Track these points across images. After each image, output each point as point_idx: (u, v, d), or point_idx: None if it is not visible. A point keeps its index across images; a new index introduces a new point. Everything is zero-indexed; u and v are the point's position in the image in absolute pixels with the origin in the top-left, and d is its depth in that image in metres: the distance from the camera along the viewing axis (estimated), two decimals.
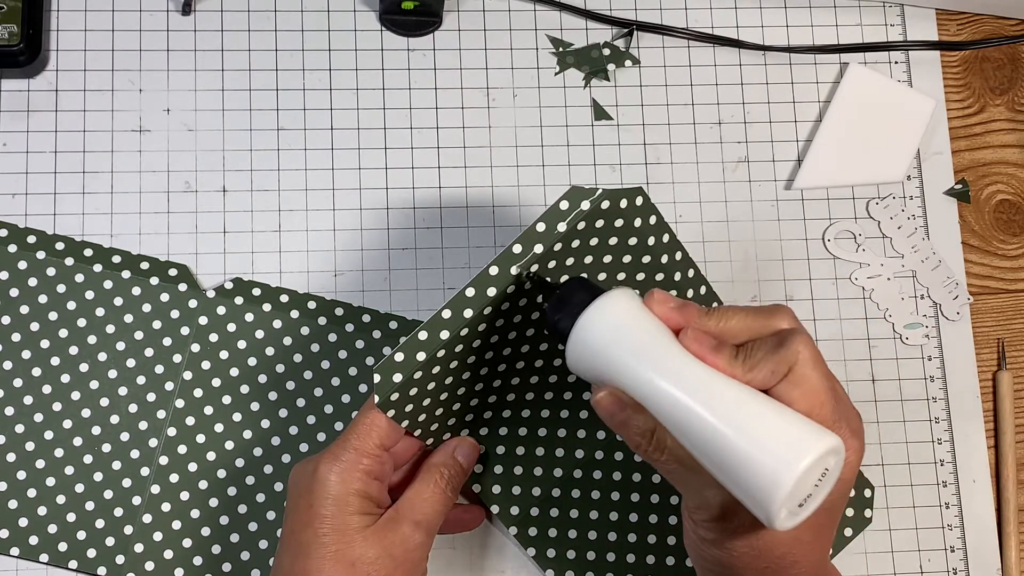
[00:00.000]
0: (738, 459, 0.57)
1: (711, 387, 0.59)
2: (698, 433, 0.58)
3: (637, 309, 0.62)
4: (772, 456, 0.56)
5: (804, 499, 0.57)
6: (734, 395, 0.59)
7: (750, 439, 0.57)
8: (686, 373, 0.60)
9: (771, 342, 0.61)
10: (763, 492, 0.56)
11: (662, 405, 0.59)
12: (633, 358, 0.61)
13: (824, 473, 0.57)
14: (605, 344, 0.62)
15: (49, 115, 0.88)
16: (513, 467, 0.82)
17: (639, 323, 0.62)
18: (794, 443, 0.57)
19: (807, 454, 0.56)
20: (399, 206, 0.89)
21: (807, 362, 0.61)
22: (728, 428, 0.57)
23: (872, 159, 0.93)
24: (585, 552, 0.83)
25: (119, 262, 0.85)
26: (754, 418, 0.58)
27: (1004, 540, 0.89)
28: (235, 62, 0.90)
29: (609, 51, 0.93)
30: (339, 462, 0.69)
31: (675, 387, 0.59)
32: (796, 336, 0.61)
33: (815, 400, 0.60)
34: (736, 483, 0.57)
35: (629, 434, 0.63)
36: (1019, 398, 0.92)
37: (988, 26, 0.97)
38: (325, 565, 0.68)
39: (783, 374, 0.60)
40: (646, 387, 0.60)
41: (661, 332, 0.62)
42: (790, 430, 0.57)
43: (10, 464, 0.82)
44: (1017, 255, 0.94)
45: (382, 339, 0.86)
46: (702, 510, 0.63)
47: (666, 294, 0.64)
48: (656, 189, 0.91)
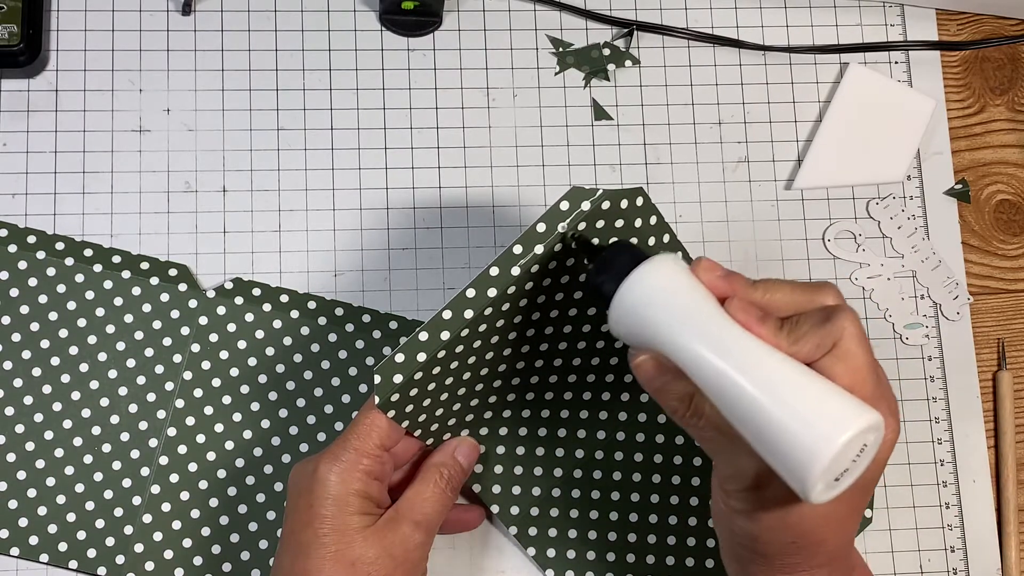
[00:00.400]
0: (777, 429, 0.56)
1: (754, 356, 0.59)
2: (738, 401, 0.58)
3: (683, 275, 0.62)
4: (812, 428, 0.56)
5: (841, 473, 0.57)
6: (777, 365, 0.58)
7: (790, 410, 0.56)
8: (729, 341, 0.59)
9: (817, 316, 0.61)
10: (801, 463, 0.56)
11: (703, 372, 0.59)
12: (676, 323, 0.60)
13: (863, 448, 0.57)
14: (648, 308, 0.61)
15: (49, 115, 0.88)
16: (513, 467, 0.82)
17: (684, 289, 0.61)
18: (835, 416, 0.56)
19: (848, 427, 0.55)
20: (399, 206, 0.89)
21: (852, 338, 0.60)
22: (769, 398, 0.57)
23: (872, 159, 0.93)
24: (585, 552, 0.84)
25: (119, 262, 0.85)
26: (796, 389, 0.57)
27: (1004, 540, 0.89)
28: (235, 62, 0.90)
29: (609, 51, 0.93)
30: (339, 462, 0.69)
31: (717, 355, 0.59)
32: (843, 312, 0.61)
33: (858, 376, 0.60)
34: (773, 453, 0.57)
35: (667, 399, 0.63)
36: (1019, 398, 0.92)
37: (988, 26, 0.97)
38: (325, 565, 0.68)
39: (828, 348, 0.60)
40: (688, 353, 0.59)
41: (706, 299, 0.61)
42: (831, 403, 0.57)
43: (10, 464, 0.82)
44: (1017, 255, 0.94)
45: (382, 339, 0.86)
46: (735, 479, 0.63)
47: (713, 262, 0.63)
48: (656, 189, 0.91)
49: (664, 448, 0.85)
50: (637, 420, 0.85)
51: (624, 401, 0.84)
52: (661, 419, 0.85)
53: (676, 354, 0.60)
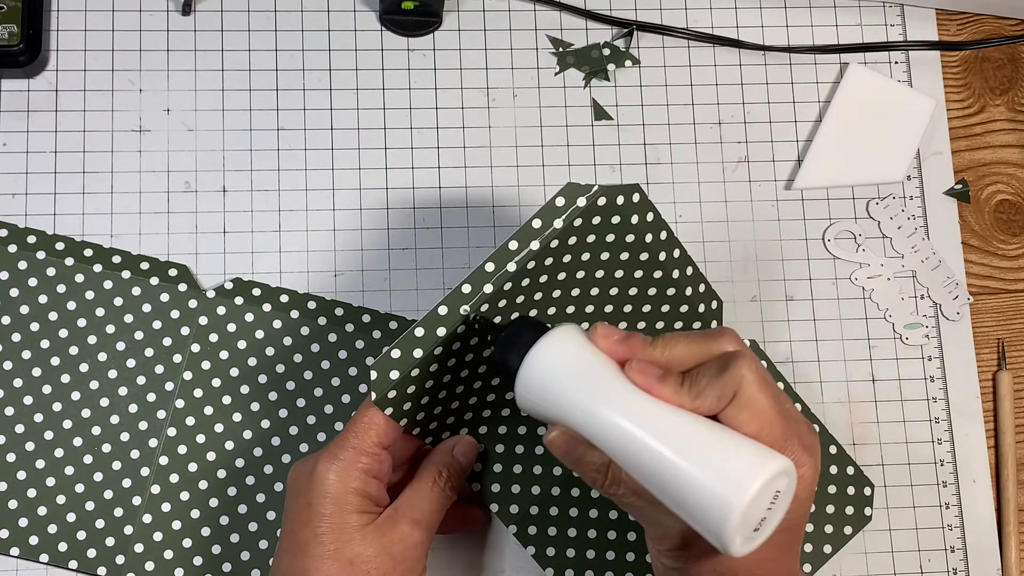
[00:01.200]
0: (689, 488, 0.57)
1: (657, 418, 0.59)
2: (648, 465, 0.58)
3: (581, 345, 0.63)
4: (721, 483, 0.56)
5: (759, 523, 0.57)
6: (681, 424, 0.59)
7: (699, 467, 0.57)
8: (632, 406, 0.60)
9: (715, 367, 0.61)
10: (715, 520, 0.56)
11: (611, 440, 0.60)
12: (579, 395, 0.61)
13: (776, 495, 0.57)
14: (552, 383, 0.62)
15: (49, 115, 0.88)
16: (512, 465, 0.82)
17: (584, 359, 0.62)
18: (742, 468, 0.57)
19: (755, 479, 0.56)
20: (399, 206, 0.89)
21: (752, 384, 0.60)
22: (676, 458, 0.57)
23: (872, 159, 0.93)
24: (584, 551, 0.83)
25: (119, 262, 0.85)
26: (702, 446, 0.58)
27: (1004, 540, 0.89)
28: (235, 62, 0.90)
29: (609, 51, 0.93)
30: (337, 461, 0.69)
31: (622, 421, 0.59)
32: (739, 359, 0.61)
33: (763, 422, 0.60)
34: (689, 512, 0.58)
35: (585, 471, 0.64)
36: (1019, 398, 0.92)
37: (988, 26, 0.97)
38: (324, 564, 0.68)
39: (729, 399, 0.60)
40: (594, 423, 0.60)
41: (606, 367, 0.62)
42: (738, 455, 0.57)
43: (10, 464, 0.82)
44: (1017, 255, 0.94)
45: (382, 339, 0.86)
46: (664, 540, 0.64)
47: (610, 327, 0.64)
48: (656, 189, 0.91)
49: None
50: None
51: None
52: None
53: (582, 425, 0.61)
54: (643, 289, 0.76)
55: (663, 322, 0.80)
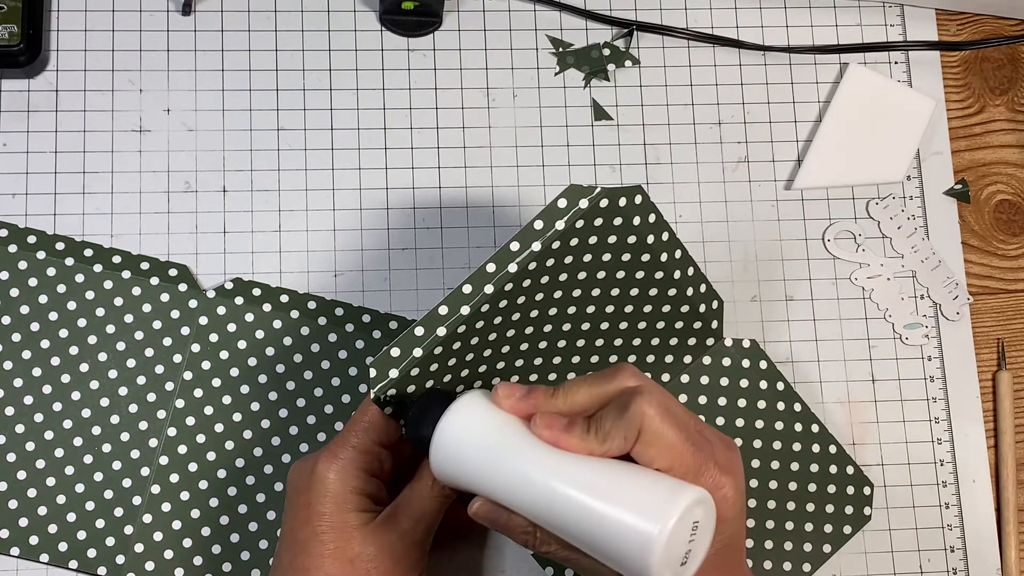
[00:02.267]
0: (608, 534, 0.57)
1: (568, 470, 0.59)
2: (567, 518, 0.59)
3: (485, 410, 0.63)
4: (637, 523, 0.57)
5: (685, 556, 0.58)
6: (590, 472, 0.59)
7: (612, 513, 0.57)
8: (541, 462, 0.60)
9: (616, 408, 0.62)
10: (638, 561, 0.57)
11: (527, 500, 0.60)
12: (490, 462, 0.61)
13: (695, 525, 0.58)
14: (462, 454, 0.63)
15: (49, 115, 0.88)
16: None
17: (489, 425, 0.63)
18: (653, 507, 0.57)
19: (669, 515, 0.56)
20: (399, 206, 0.89)
21: (654, 419, 0.61)
22: (591, 505, 0.58)
23: (872, 159, 0.93)
24: None
25: (119, 262, 0.85)
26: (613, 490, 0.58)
27: (1004, 540, 0.89)
28: (235, 62, 0.90)
29: (609, 51, 0.93)
30: (337, 460, 0.69)
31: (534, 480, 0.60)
32: (638, 396, 0.61)
33: (672, 454, 0.60)
34: (613, 558, 0.58)
35: (513, 535, 0.64)
36: (1019, 398, 0.92)
37: (988, 26, 0.97)
38: (324, 563, 0.68)
39: (635, 437, 0.61)
40: (508, 488, 0.61)
41: (512, 428, 0.62)
42: (649, 494, 0.58)
43: (10, 464, 0.82)
44: (1017, 255, 0.94)
45: (382, 339, 0.86)
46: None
47: (511, 386, 0.64)
48: (656, 189, 0.91)
49: None
50: None
51: None
52: None
53: (499, 492, 0.61)
54: (644, 290, 0.76)
55: (664, 322, 0.80)
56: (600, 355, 0.80)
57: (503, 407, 0.64)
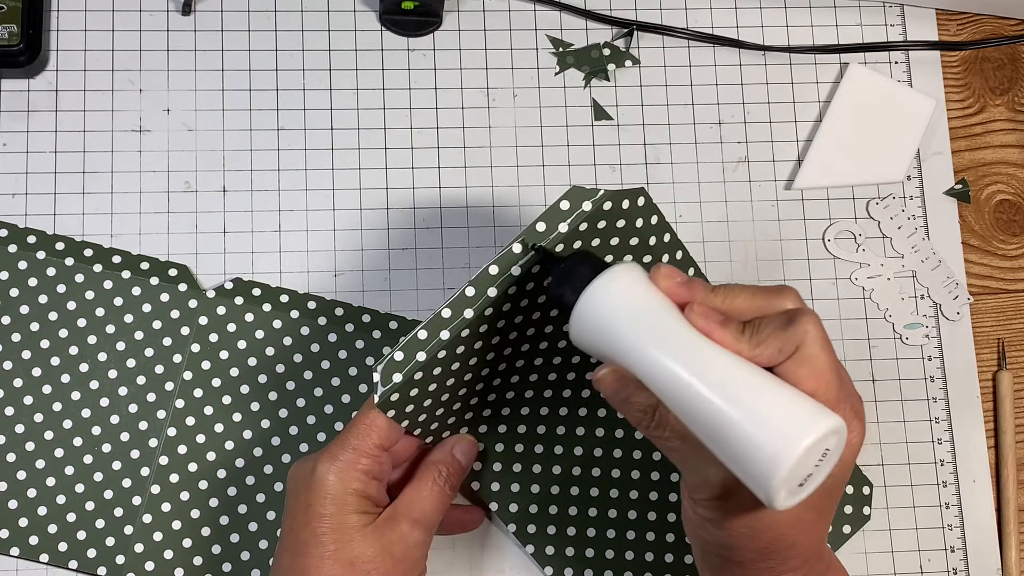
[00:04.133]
0: (739, 437, 0.56)
1: (714, 363, 0.58)
2: (699, 410, 0.57)
3: (642, 284, 0.61)
4: (773, 435, 0.55)
5: (804, 479, 0.57)
6: (737, 372, 0.58)
7: (751, 417, 0.56)
8: (688, 349, 0.59)
9: (779, 320, 0.60)
10: (763, 471, 0.55)
11: (663, 382, 0.58)
12: (635, 334, 0.59)
13: (825, 453, 0.57)
14: (607, 320, 0.60)
15: (49, 115, 0.88)
16: (512, 464, 0.83)
17: (643, 298, 0.61)
18: (796, 422, 0.56)
19: (808, 433, 0.55)
20: (399, 206, 0.89)
21: (815, 341, 0.60)
22: (729, 405, 0.56)
23: (872, 159, 0.93)
24: (584, 549, 0.84)
25: (119, 262, 0.85)
26: (757, 396, 0.57)
27: (1004, 540, 0.89)
28: (235, 62, 0.90)
29: (609, 51, 0.93)
30: (337, 461, 0.69)
31: (676, 363, 0.58)
32: (805, 315, 0.60)
33: (821, 380, 0.59)
34: (736, 461, 0.57)
35: (630, 411, 0.63)
36: (1019, 398, 0.92)
37: (988, 26, 0.97)
38: (324, 564, 0.68)
39: (790, 352, 0.59)
40: (647, 363, 0.59)
41: (665, 308, 0.60)
42: (793, 409, 0.56)
43: (10, 464, 0.82)
44: (1017, 255, 0.94)
45: (382, 339, 0.86)
46: (703, 488, 0.62)
47: (673, 268, 0.63)
48: (656, 189, 0.91)
49: None
50: None
51: None
52: None
53: (635, 365, 0.60)
54: None
55: None
56: None
57: (661, 286, 0.62)
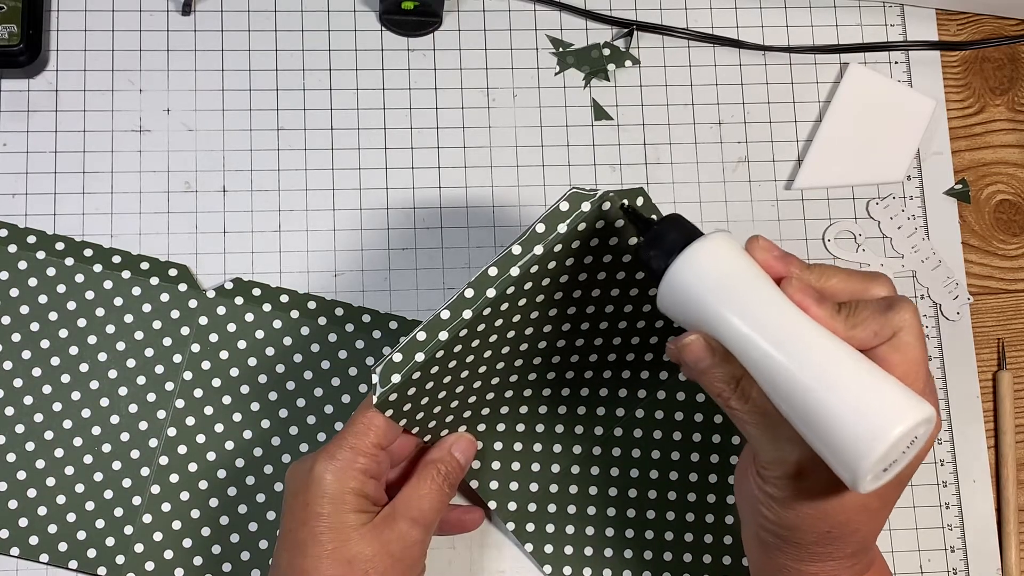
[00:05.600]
0: (830, 417, 0.55)
1: (812, 339, 0.58)
2: (792, 387, 0.57)
3: (737, 253, 0.61)
4: (870, 418, 0.55)
5: (890, 464, 0.56)
6: (832, 350, 0.57)
7: (848, 398, 0.55)
8: (785, 323, 0.58)
9: (879, 304, 0.60)
10: (855, 452, 0.55)
11: (754, 355, 0.58)
12: (730, 303, 0.59)
13: (913, 441, 0.56)
14: (700, 287, 0.60)
15: (49, 115, 0.88)
16: (511, 463, 0.83)
17: (738, 268, 0.60)
18: (893, 407, 0.55)
19: (904, 419, 0.55)
20: (399, 206, 0.89)
21: (912, 330, 0.60)
22: (823, 384, 0.56)
23: (872, 159, 0.93)
24: (582, 547, 0.84)
25: (119, 262, 0.85)
26: (851, 377, 0.56)
27: (1004, 540, 0.89)
28: (235, 62, 0.90)
29: (609, 51, 0.93)
30: (335, 460, 0.69)
31: (771, 337, 0.58)
32: (905, 303, 0.60)
33: (912, 369, 0.59)
34: (824, 441, 0.56)
35: (712, 381, 0.62)
36: (1019, 398, 0.92)
37: (988, 26, 0.97)
38: (322, 563, 0.68)
39: (886, 338, 0.59)
40: (740, 334, 0.58)
41: (761, 279, 0.60)
42: (890, 394, 0.56)
43: (10, 464, 0.82)
44: (1017, 255, 0.94)
45: (382, 339, 0.86)
46: (776, 465, 0.62)
47: (770, 241, 0.62)
48: (656, 189, 0.91)
49: (662, 444, 0.85)
50: (635, 416, 0.85)
51: (622, 397, 0.85)
52: (658, 415, 0.85)
53: (727, 335, 0.59)
54: (643, 289, 0.76)
55: (662, 320, 0.80)
56: (599, 354, 0.80)
57: (757, 258, 0.61)
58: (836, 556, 0.65)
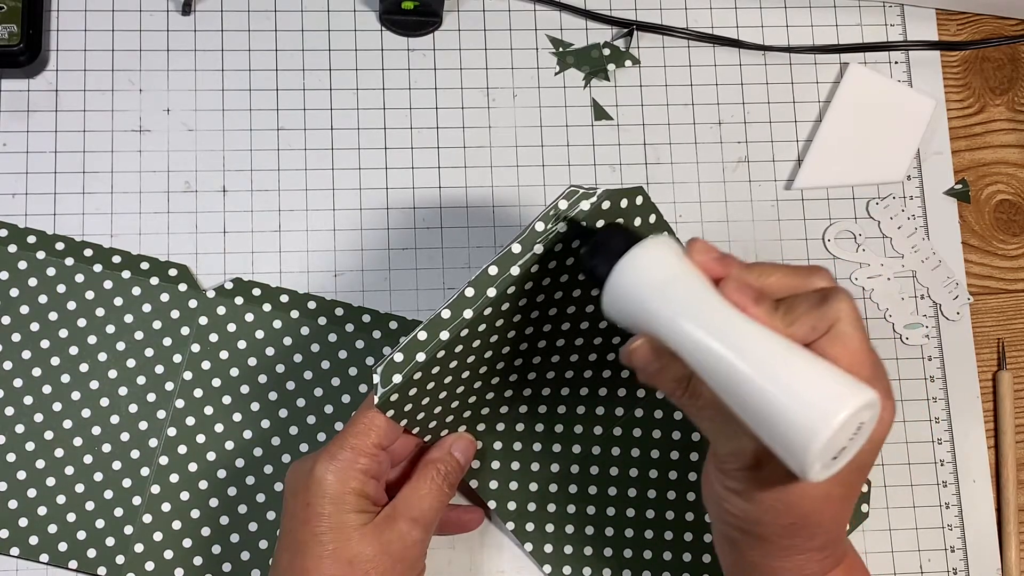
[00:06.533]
0: (774, 408, 0.56)
1: (749, 336, 0.58)
2: (734, 382, 0.57)
3: (677, 256, 0.61)
4: (810, 407, 0.55)
5: (838, 452, 0.57)
6: (772, 345, 0.58)
7: (788, 389, 0.56)
8: (724, 321, 0.59)
9: (814, 298, 0.60)
10: (799, 442, 0.55)
11: (698, 353, 0.58)
12: (671, 306, 0.60)
13: (859, 427, 0.57)
14: (642, 291, 0.60)
15: (49, 115, 0.88)
16: (510, 463, 0.83)
17: (678, 270, 0.61)
18: (833, 394, 0.56)
19: (845, 406, 0.55)
20: (399, 206, 0.89)
21: (849, 319, 0.60)
22: (764, 377, 0.56)
23: (872, 159, 0.93)
24: (582, 547, 0.84)
25: (119, 262, 0.85)
26: (792, 368, 0.57)
27: (1004, 540, 0.89)
28: (235, 62, 0.90)
29: (609, 51, 0.93)
30: (336, 461, 0.69)
31: (712, 335, 0.58)
32: (839, 294, 0.60)
33: (855, 358, 0.60)
34: (770, 432, 0.57)
35: (663, 382, 0.63)
36: (1019, 398, 0.92)
37: (988, 26, 0.97)
38: (323, 563, 0.68)
39: (823, 330, 0.60)
40: (682, 335, 0.59)
41: (700, 280, 0.61)
42: (828, 381, 0.57)
43: (10, 464, 0.82)
44: (1017, 255, 0.94)
45: (382, 339, 0.86)
46: (734, 458, 0.62)
47: (708, 243, 0.63)
48: (656, 189, 0.91)
49: (661, 444, 0.85)
50: (634, 416, 0.85)
51: (621, 397, 0.85)
52: (658, 415, 0.85)
53: (671, 336, 0.60)
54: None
55: None
56: (599, 353, 0.80)
57: (696, 260, 0.62)
58: (803, 549, 0.64)
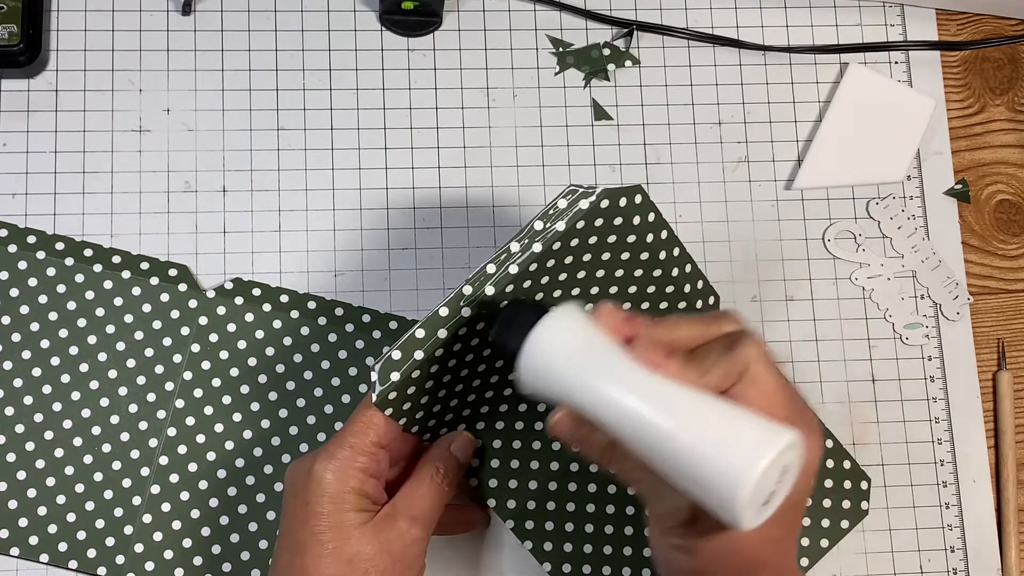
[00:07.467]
0: (697, 463, 0.56)
1: (664, 393, 0.59)
2: (656, 442, 0.58)
3: (584, 324, 0.62)
4: (732, 457, 0.56)
5: (768, 496, 0.57)
6: (689, 400, 0.58)
7: (708, 442, 0.56)
8: (637, 382, 0.59)
9: (722, 345, 0.61)
10: (726, 494, 0.56)
11: (616, 418, 0.59)
12: (583, 375, 0.60)
13: (784, 469, 0.57)
14: (554, 364, 0.61)
15: (49, 115, 0.88)
16: (510, 460, 0.82)
17: (587, 339, 0.61)
18: (753, 442, 0.56)
19: (766, 452, 0.56)
20: (399, 206, 0.89)
21: (759, 362, 0.60)
22: (684, 433, 0.57)
23: (872, 159, 0.93)
24: (582, 545, 0.83)
25: (119, 262, 0.85)
26: (709, 420, 0.57)
27: (1004, 540, 0.89)
28: (235, 62, 0.90)
29: (609, 51, 0.93)
30: (335, 460, 0.69)
31: (629, 399, 0.59)
32: (746, 338, 0.61)
33: (771, 400, 0.60)
34: (698, 487, 0.57)
35: (590, 451, 0.63)
36: (1019, 398, 0.92)
37: (988, 26, 0.97)
38: (322, 562, 0.68)
39: (736, 376, 0.60)
40: (600, 403, 0.60)
41: (609, 346, 0.61)
42: (748, 429, 0.57)
43: (10, 464, 0.82)
44: (1017, 255, 0.94)
45: (382, 339, 0.86)
46: (671, 516, 0.63)
47: (613, 307, 0.64)
48: (656, 189, 0.91)
49: None
50: None
51: None
52: None
53: (587, 405, 0.60)
54: (642, 287, 0.76)
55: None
56: None
57: (603, 324, 0.63)
58: None
